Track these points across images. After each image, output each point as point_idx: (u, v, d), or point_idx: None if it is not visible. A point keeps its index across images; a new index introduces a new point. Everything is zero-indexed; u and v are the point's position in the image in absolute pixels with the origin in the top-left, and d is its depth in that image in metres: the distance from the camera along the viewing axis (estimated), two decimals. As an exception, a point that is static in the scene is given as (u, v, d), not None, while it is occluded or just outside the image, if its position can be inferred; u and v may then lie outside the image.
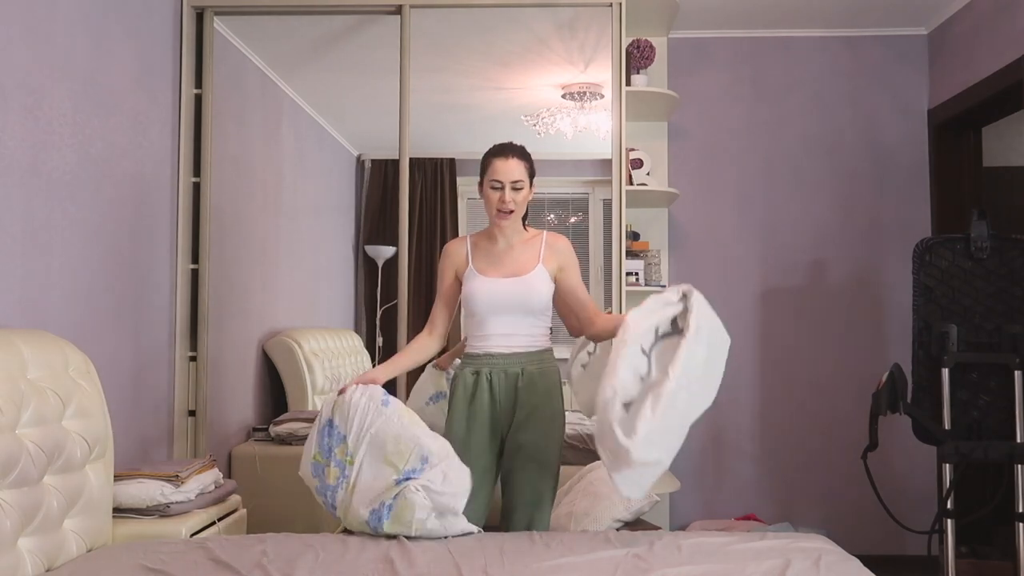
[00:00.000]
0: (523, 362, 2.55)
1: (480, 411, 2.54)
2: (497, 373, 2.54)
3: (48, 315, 2.49)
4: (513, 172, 2.48)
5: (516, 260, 2.56)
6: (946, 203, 3.97)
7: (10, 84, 2.32)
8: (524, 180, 2.50)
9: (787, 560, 2.00)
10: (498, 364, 2.54)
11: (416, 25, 3.46)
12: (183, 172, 3.37)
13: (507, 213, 2.49)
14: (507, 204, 2.48)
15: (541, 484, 2.54)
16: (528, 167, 2.53)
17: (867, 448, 3.07)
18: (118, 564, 2.00)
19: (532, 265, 2.54)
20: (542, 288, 2.54)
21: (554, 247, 2.58)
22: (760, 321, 4.07)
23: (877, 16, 3.93)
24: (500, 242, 2.58)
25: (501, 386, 2.53)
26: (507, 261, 2.57)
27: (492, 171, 2.50)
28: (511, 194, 2.48)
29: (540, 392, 2.54)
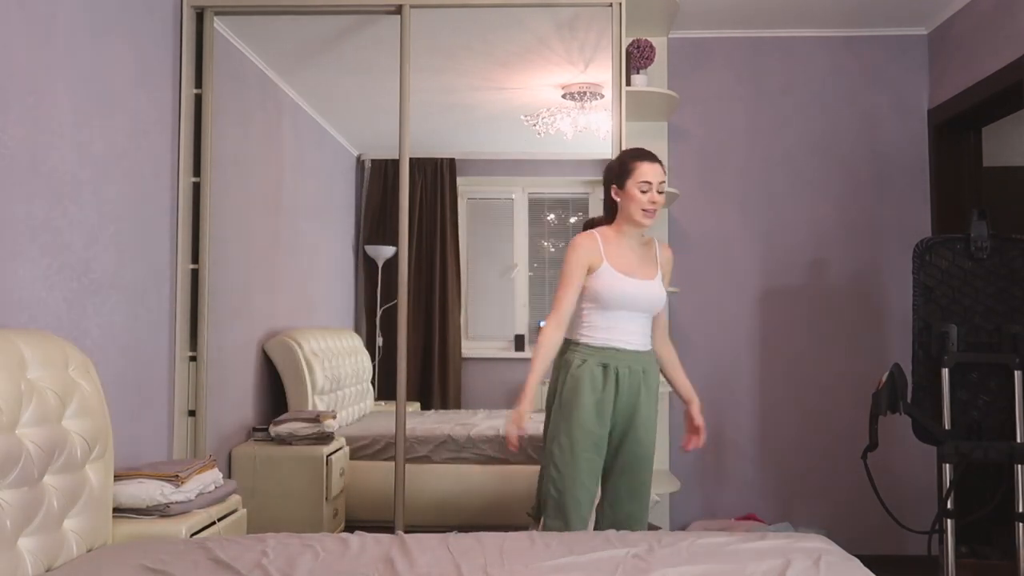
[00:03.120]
0: (644, 361, 2.69)
1: (606, 403, 2.64)
2: (623, 368, 2.64)
3: (48, 315, 2.49)
4: (660, 174, 2.69)
5: (644, 262, 2.74)
6: (946, 203, 3.97)
7: (10, 84, 2.32)
8: (665, 180, 2.72)
9: (787, 560, 2.00)
10: (624, 360, 2.65)
11: (416, 25, 3.46)
12: (183, 172, 3.37)
13: (653, 213, 2.68)
14: (654, 205, 2.66)
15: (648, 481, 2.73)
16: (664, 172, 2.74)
17: (867, 448, 3.07)
18: (118, 564, 2.00)
19: (655, 270, 2.75)
20: (663, 292, 2.75)
21: (666, 257, 2.82)
22: (760, 321, 4.07)
23: (877, 16, 3.93)
24: (630, 242, 2.74)
25: (626, 381, 2.65)
26: (636, 262, 2.72)
27: (640, 173, 2.67)
28: (658, 195, 2.68)
29: (653, 391, 2.71)
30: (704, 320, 4.07)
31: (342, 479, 3.69)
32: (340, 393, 3.90)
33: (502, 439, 3.87)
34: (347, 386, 3.95)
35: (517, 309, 4.11)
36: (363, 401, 4.04)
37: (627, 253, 2.71)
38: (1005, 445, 2.94)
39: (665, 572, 1.93)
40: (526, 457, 3.85)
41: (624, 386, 2.64)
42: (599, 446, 2.64)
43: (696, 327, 4.06)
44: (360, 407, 4.03)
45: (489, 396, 4.05)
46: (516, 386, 4.10)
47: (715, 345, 4.07)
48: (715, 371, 4.06)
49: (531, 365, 2.60)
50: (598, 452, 2.64)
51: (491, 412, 4.01)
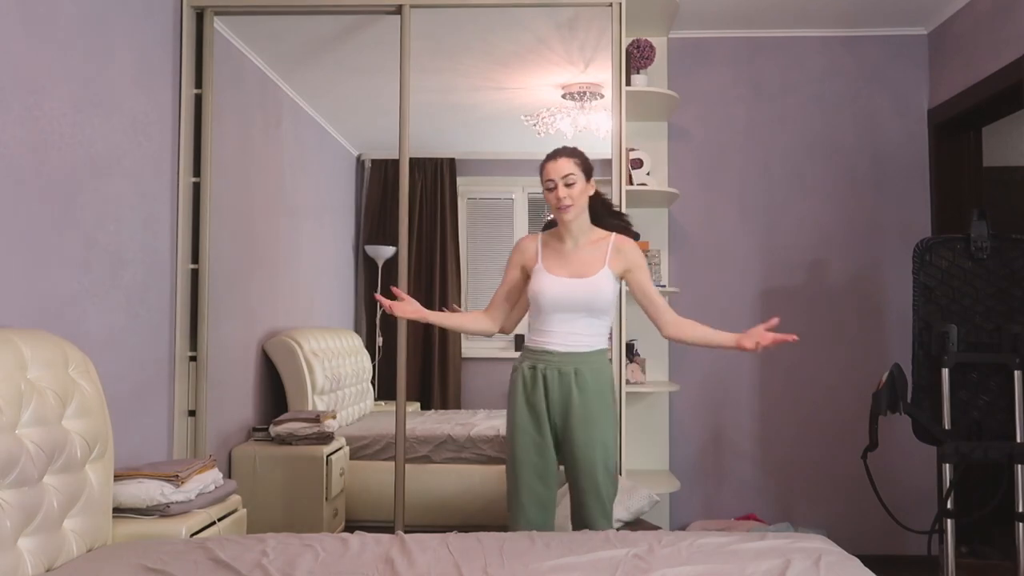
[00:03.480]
0: (577, 362, 2.60)
1: (537, 405, 2.61)
2: (551, 371, 2.59)
3: (48, 315, 2.49)
4: (561, 169, 2.58)
5: (583, 260, 2.63)
6: (946, 203, 3.97)
7: (10, 84, 2.32)
8: (575, 174, 2.58)
9: (787, 560, 2.00)
10: (553, 361, 2.60)
11: (416, 25, 3.46)
12: (183, 172, 3.37)
13: (566, 208, 2.57)
14: (562, 200, 2.57)
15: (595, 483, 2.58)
16: (579, 163, 2.61)
17: (867, 448, 3.07)
18: (118, 564, 2.00)
19: (598, 267, 2.61)
20: (606, 289, 2.60)
21: (621, 249, 2.64)
22: (760, 321, 4.05)
23: (877, 16, 3.93)
24: (568, 242, 2.65)
25: (555, 383, 2.59)
26: (575, 261, 2.63)
27: (544, 175, 2.61)
28: (564, 189, 2.57)
29: (592, 392, 2.59)
30: (704, 320, 4.01)
31: (342, 479, 3.69)
32: (340, 393, 3.90)
33: (502, 439, 3.88)
34: (347, 386, 3.95)
35: (517, 309, 4.10)
36: (363, 401, 4.04)
37: (568, 254, 2.64)
38: (1005, 445, 2.94)
39: (665, 572, 1.93)
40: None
41: (553, 388, 2.58)
42: (540, 447, 2.61)
43: (696, 327, 4.06)
44: (360, 407, 4.03)
45: (489, 396, 4.05)
46: (516, 386, 4.10)
47: (715, 345, 4.06)
48: (715, 371, 4.06)
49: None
50: (540, 454, 2.61)
51: (491, 412, 4.01)
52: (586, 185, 2.62)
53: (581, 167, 2.61)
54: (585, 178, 2.62)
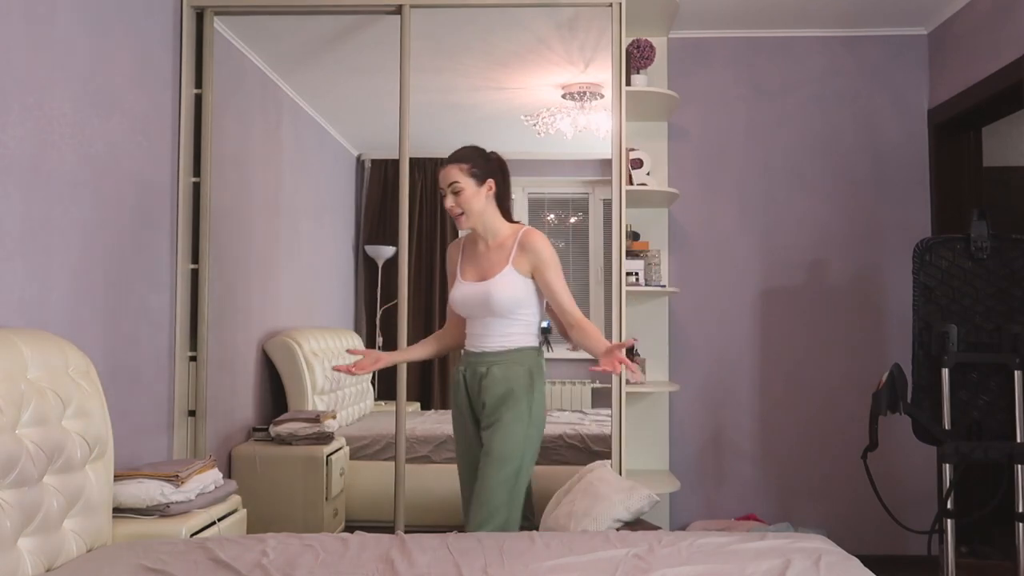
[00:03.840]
0: (490, 362, 2.60)
1: (461, 405, 2.68)
2: (469, 371, 2.64)
3: (48, 315, 2.49)
4: (447, 177, 2.59)
5: (491, 262, 2.62)
6: (946, 203, 3.97)
7: (10, 84, 2.32)
8: (460, 180, 2.57)
9: (787, 560, 2.00)
10: (471, 362, 2.64)
11: (416, 25, 3.46)
12: (183, 172, 3.37)
13: (457, 216, 2.60)
14: (451, 209, 2.59)
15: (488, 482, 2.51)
16: (467, 167, 2.59)
17: (867, 448, 3.07)
18: (118, 564, 2.00)
19: (500, 267, 2.59)
20: (504, 291, 2.55)
21: (526, 246, 2.58)
22: (760, 321, 4.07)
23: (877, 16, 3.93)
24: (480, 244, 2.67)
25: (473, 383, 2.63)
26: (483, 263, 2.64)
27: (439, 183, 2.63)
28: (451, 198, 2.58)
29: (500, 392, 2.55)
30: (704, 320, 4.07)
31: (342, 479, 3.69)
32: (340, 393, 3.90)
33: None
34: (347, 386, 3.95)
35: (517, 309, 4.10)
36: (363, 401, 4.04)
37: (480, 256, 2.65)
38: (1005, 445, 2.94)
39: (665, 572, 1.93)
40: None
41: (472, 387, 2.63)
42: (471, 445, 2.66)
43: (696, 327, 4.06)
44: (360, 407, 4.03)
45: (489, 396, 4.05)
46: (516, 386, 4.10)
47: (715, 345, 4.06)
48: (715, 371, 4.06)
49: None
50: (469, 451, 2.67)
51: (491, 412, 4.00)
52: (479, 189, 2.60)
53: (469, 172, 2.59)
54: (477, 182, 2.60)
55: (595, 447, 3.78)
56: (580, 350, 2.69)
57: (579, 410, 4.07)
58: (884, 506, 3.14)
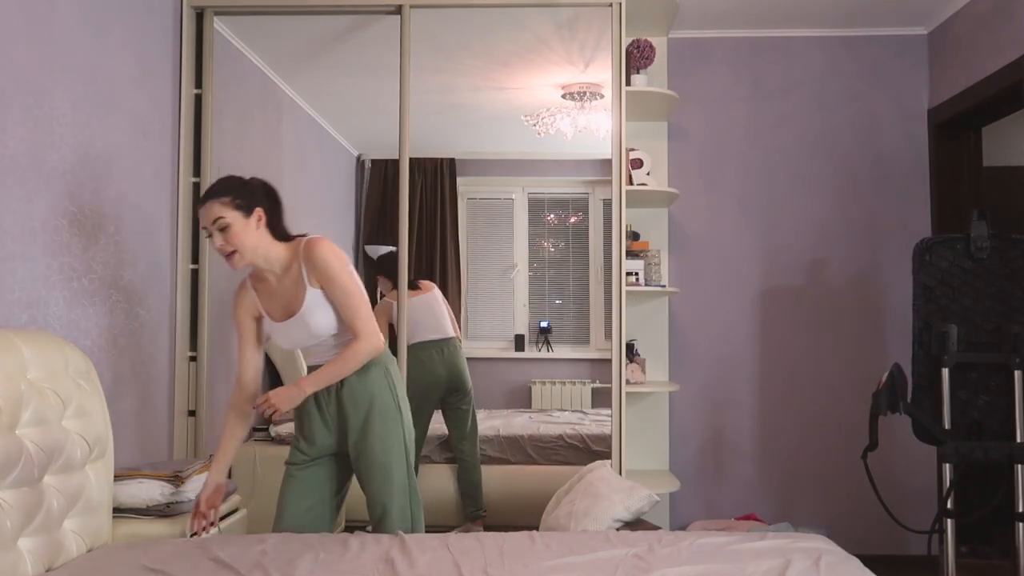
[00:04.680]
0: None
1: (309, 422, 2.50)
2: (321, 391, 2.47)
3: (48, 315, 2.49)
4: (210, 214, 2.32)
5: (288, 294, 2.42)
6: (946, 203, 3.97)
7: (10, 84, 2.32)
8: (225, 215, 2.31)
9: (787, 560, 2.00)
10: None
11: (416, 25, 3.47)
12: (183, 172, 3.37)
13: (230, 256, 2.34)
14: (222, 248, 2.33)
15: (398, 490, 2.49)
16: (230, 200, 2.32)
17: (867, 448, 3.07)
18: (118, 564, 2.00)
19: (302, 293, 2.39)
20: (321, 316, 2.40)
21: (310, 262, 2.37)
22: (760, 321, 4.07)
23: (877, 16, 3.93)
24: (269, 278, 2.44)
25: (325, 401, 2.49)
26: (282, 297, 2.43)
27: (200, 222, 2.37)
28: (220, 236, 2.32)
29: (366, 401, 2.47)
30: (704, 320, 4.07)
31: (342, 479, 3.69)
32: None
33: (502, 439, 3.88)
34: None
35: (517, 309, 4.11)
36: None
37: (275, 290, 2.44)
38: (1005, 445, 2.94)
39: (665, 572, 1.93)
40: (526, 457, 3.87)
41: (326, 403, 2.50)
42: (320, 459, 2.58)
43: (696, 327, 4.06)
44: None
45: (489, 396, 4.06)
46: (516, 386, 4.12)
47: (715, 345, 4.07)
48: (715, 371, 4.06)
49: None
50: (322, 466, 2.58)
51: (491, 412, 4.01)
52: (248, 220, 2.33)
53: (233, 205, 2.32)
54: (244, 213, 2.33)
55: (595, 447, 3.78)
56: (579, 353, 2.64)
57: (579, 410, 4.07)
58: (884, 506, 3.14)
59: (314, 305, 2.39)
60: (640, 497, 3.09)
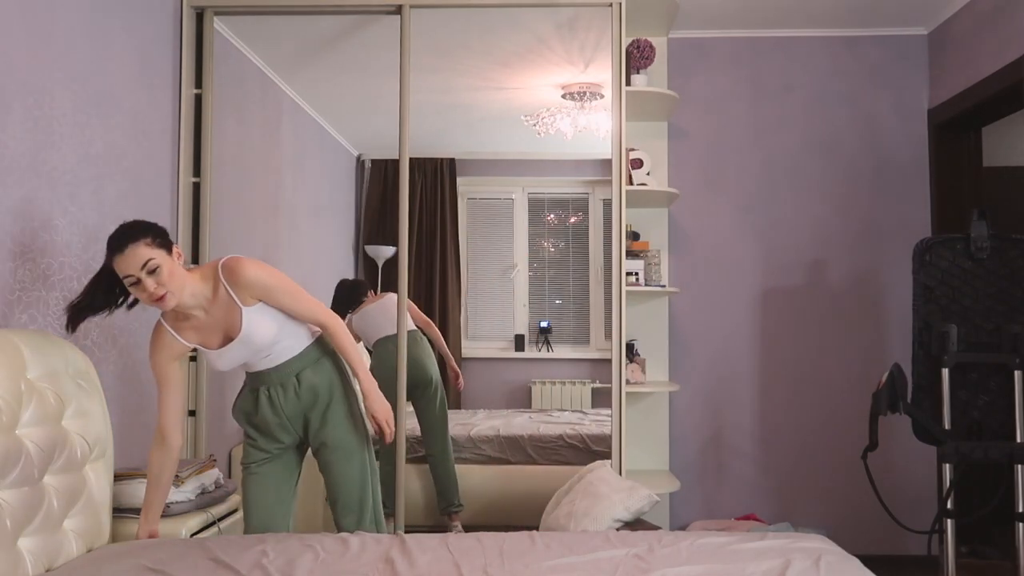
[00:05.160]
0: (293, 370, 2.49)
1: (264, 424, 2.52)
2: (275, 387, 2.49)
3: (48, 315, 2.49)
4: (137, 259, 2.16)
5: (222, 321, 2.37)
6: (946, 203, 3.97)
7: (10, 84, 2.32)
8: (155, 256, 2.18)
9: (787, 560, 2.00)
10: (270, 380, 2.49)
11: (416, 25, 3.46)
12: (183, 172, 3.37)
13: (164, 299, 2.21)
14: (155, 292, 2.19)
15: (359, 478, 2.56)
16: (151, 240, 2.19)
17: (867, 448, 3.07)
18: (118, 564, 2.00)
19: (237, 316, 2.35)
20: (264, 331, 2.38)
21: (236, 283, 2.33)
22: (760, 321, 4.07)
23: (877, 16, 3.93)
24: (196, 313, 2.36)
25: (281, 398, 2.50)
26: (217, 326, 2.38)
27: (119, 270, 2.18)
28: (151, 280, 2.18)
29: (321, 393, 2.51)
30: (704, 320, 4.07)
31: (342, 479, 3.69)
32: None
33: (502, 439, 3.88)
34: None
35: (517, 309, 4.11)
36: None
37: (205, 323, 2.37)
38: (1005, 445, 2.94)
39: (665, 572, 1.93)
40: (526, 457, 3.87)
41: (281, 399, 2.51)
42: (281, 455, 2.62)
43: (696, 327, 4.06)
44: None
45: (489, 396, 4.06)
46: (516, 386, 4.12)
47: (715, 345, 4.07)
48: (715, 371, 4.06)
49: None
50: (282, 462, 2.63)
51: (491, 412, 4.01)
52: (170, 258, 2.23)
53: (156, 243, 2.20)
54: (167, 251, 2.22)
55: (595, 447, 3.78)
56: (579, 353, 2.66)
57: (579, 410, 4.07)
58: (884, 506, 3.14)
59: (254, 322, 2.37)
60: (640, 497, 3.09)
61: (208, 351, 2.42)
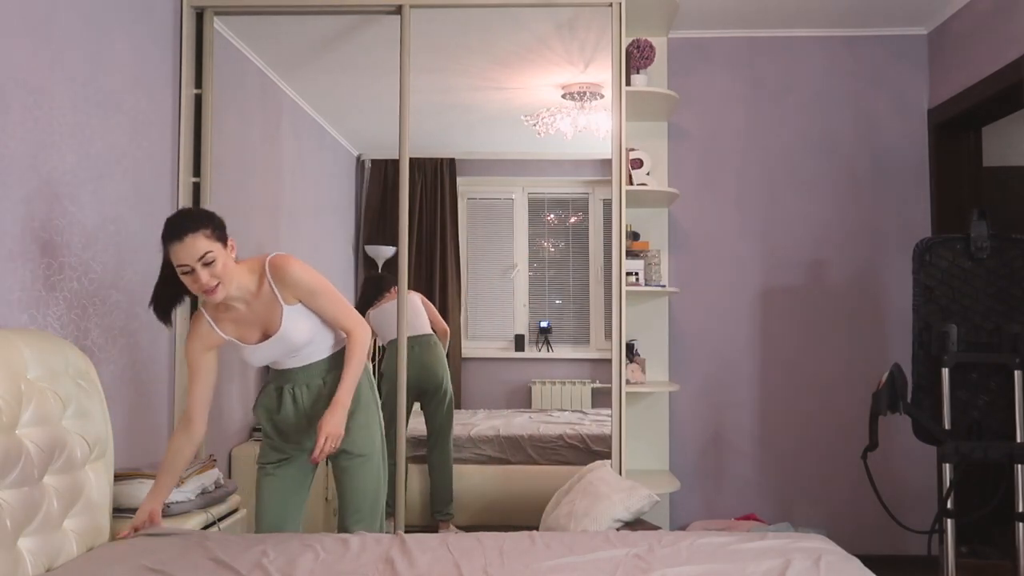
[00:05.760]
0: (321, 371, 2.51)
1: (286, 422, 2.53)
2: (299, 387, 2.50)
3: (48, 315, 2.49)
4: (196, 250, 2.19)
5: (262, 317, 2.39)
6: (946, 203, 3.97)
7: (10, 84, 2.32)
8: (212, 249, 2.21)
9: (787, 560, 2.00)
10: (295, 378, 2.51)
11: (416, 25, 3.46)
12: (183, 172, 3.37)
13: (214, 291, 2.24)
14: (207, 284, 2.21)
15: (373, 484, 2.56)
16: (211, 232, 2.23)
17: (867, 448, 3.07)
18: (118, 564, 2.00)
19: (278, 313, 2.37)
20: (302, 331, 2.41)
21: (283, 281, 2.36)
22: (760, 321, 4.07)
23: (877, 16, 3.93)
24: (237, 305, 2.37)
25: (303, 397, 2.51)
26: (256, 321, 2.40)
27: (174, 258, 2.20)
28: (206, 273, 2.21)
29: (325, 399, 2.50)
30: (704, 320, 4.07)
31: (342, 479, 3.69)
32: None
33: (502, 439, 3.88)
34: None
35: (517, 309, 4.11)
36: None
37: (244, 316, 2.39)
38: (1005, 445, 2.94)
39: (665, 572, 1.93)
40: (526, 457, 3.87)
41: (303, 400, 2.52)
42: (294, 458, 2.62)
43: (696, 327, 4.06)
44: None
45: (489, 396, 4.06)
46: (516, 386, 4.12)
47: (715, 345, 4.07)
48: (715, 371, 4.06)
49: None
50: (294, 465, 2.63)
51: (491, 412, 4.01)
52: (225, 251, 2.26)
53: (215, 236, 2.24)
54: (223, 244, 2.27)
55: (595, 447, 3.78)
56: (579, 353, 2.66)
57: (579, 410, 4.07)
58: (884, 506, 3.14)
59: (293, 321, 2.39)
60: (640, 497, 3.09)
61: (243, 346, 2.43)
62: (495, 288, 4.11)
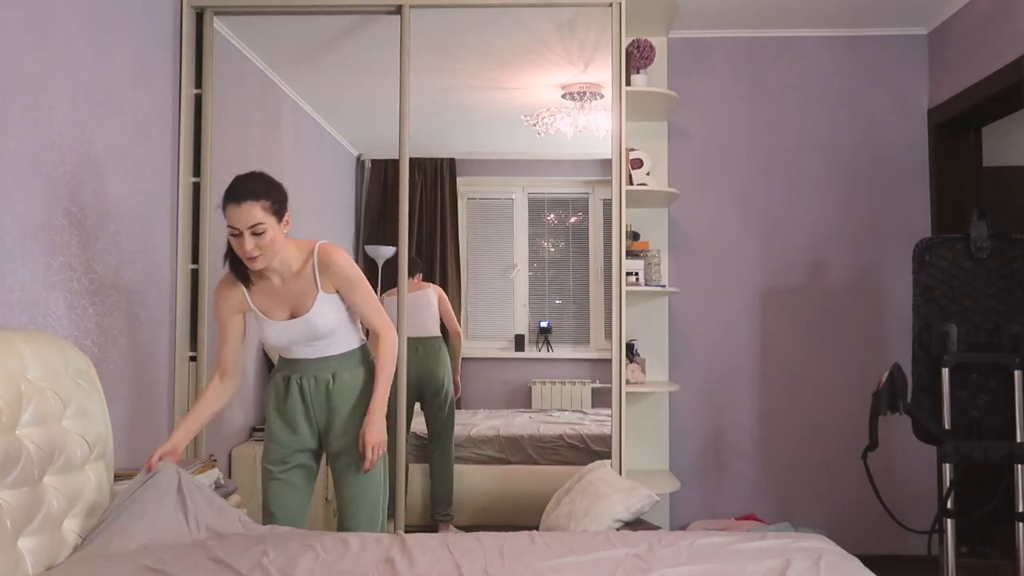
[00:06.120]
0: (333, 367, 2.51)
1: (291, 413, 2.52)
2: (308, 378, 2.50)
3: (48, 315, 2.49)
4: (249, 217, 2.25)
5: (295, 296, 2.42)
6: (946, 203, 3.98)
7: (10, 84, 2.32)
8: (265, 222, 2.26)
9: (787, 560, 2.00)
10: (306, 370, 2.51)
11: (416, 25, 3.46)
12: (183, 172, 3.37)
13: (253, 259, 2.30)
14: (249, 251, 2.28)
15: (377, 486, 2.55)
16: (269, 204, 2.28)
17: (867, 448, 3.07)
18: (118, 564, 2.00)
19: (311, 297, 2.41)
20: (328, 320, 2.43)
21: (327, 269, 2.40)
22: (760, 321, 4.07)
23: (877, 16, 3.93)
24: (273, 278, 2.42)
25: (312, 391, 2.51)
26: (287, 298, 2.43)
27: (228, 217, 2.28)
28: (251, 240, 2.27)
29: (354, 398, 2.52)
30: (704, 320, 4.07)
31: (342, 479, 3.69)
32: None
33: (502, 439, 3.88)
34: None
35: (517, 309, 4.11)
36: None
37: (277, 290, 2.43)
38: (1005, 445, 2.94)
39: (665, 572, 1.93)
40: (526, 457, 3.87)
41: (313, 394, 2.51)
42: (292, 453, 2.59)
43: (696, 327, 4.06)
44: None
45: (489, 396, 4.06)
46: (516, 386, 4.12)
47: (715, 345, 4.07)
48: (715, 371, 4.06)
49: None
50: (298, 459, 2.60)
51: (491, 412, 4.01)
52: (279, 225, 2.32)
53: (271, 209, 2.29)
54: (278, 219, 2.31)
55: (595, 447, 3.79)
56: (579, 353, 2.66)
57: (579, 410, 4.07)
58: (884, 506, 3.14)
59: (323, 308, 2.43)
60: (640, 497, 3.09)
61: (266, 320, 2.44)
62: (495, 288, 4.11)
